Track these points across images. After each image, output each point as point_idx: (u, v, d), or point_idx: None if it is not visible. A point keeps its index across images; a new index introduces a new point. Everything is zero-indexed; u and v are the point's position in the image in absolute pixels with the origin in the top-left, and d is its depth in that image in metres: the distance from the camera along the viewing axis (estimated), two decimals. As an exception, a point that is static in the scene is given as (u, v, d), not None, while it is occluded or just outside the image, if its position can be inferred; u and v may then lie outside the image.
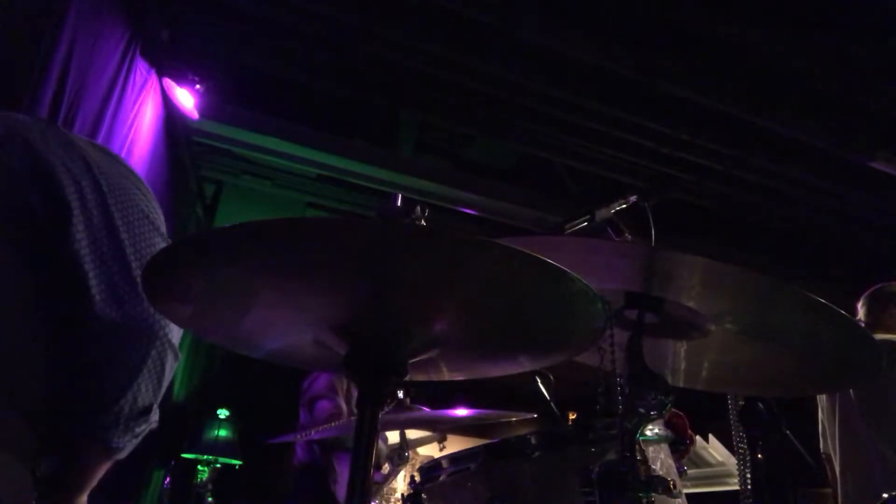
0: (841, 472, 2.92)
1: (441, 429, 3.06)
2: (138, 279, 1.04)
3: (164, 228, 1.14)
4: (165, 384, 1.09)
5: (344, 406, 3.04)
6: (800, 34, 3.31)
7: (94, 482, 1.10)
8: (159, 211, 1.17)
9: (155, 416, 1.10)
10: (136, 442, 1.09)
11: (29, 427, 1.01)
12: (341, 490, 2.94)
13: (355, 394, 1.04)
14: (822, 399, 3.08)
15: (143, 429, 1.08)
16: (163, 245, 1.10)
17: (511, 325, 0.94)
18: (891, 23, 3.16)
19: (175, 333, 1.08)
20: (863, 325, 2.98)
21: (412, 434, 3.01)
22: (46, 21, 2.37)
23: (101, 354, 1.03)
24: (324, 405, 3.03)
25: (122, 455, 1.09)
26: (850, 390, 2.84)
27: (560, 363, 1.04)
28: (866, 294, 3.14)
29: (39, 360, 1.02)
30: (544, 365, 1.11)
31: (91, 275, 1.01)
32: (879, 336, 2.93)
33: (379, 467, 2.54)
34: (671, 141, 4.18)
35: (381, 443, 2.72)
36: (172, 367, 1.10)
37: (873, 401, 2.80)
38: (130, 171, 1.17)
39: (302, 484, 3.07)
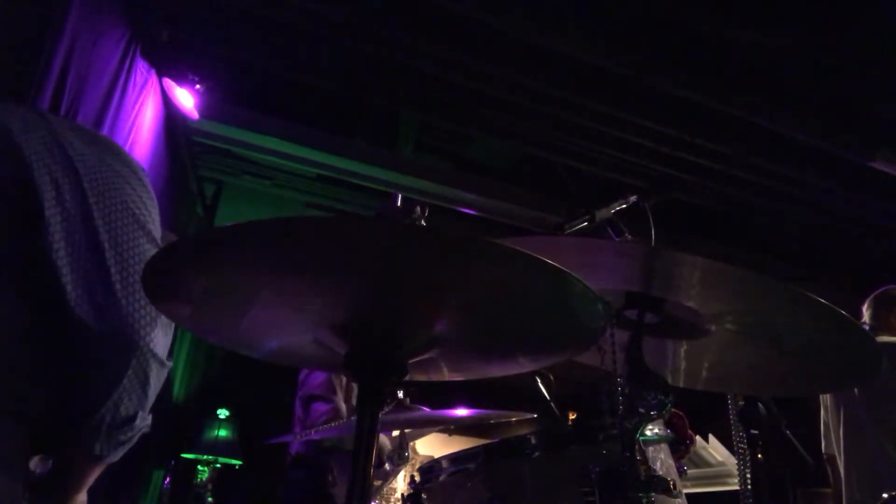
0: (846, 473, 2.92)
1: (441, 429, 3.04)
2: (117, 284, 1.01)
3: (153, 225, 1.11)
4: (153, 393, 1.07)
5: (342, 406, 2.93)
6: (799, 34, 3.30)
7: (87, 484, 1.10)
8: (151, 206, 1.13)
9: (145, 422, 1.08)
10: (126, 447, 1.08)
11: (18, 428, 1.00)
12: (339, 493, 2.89)
13: (356, 389, 1.03)
14: (825, 399, 3.08)
15: (130, 436, 1.07)
16: (148, 247, 1.08)
17: (511, 325, 0.94)
18: (891, 22, 3.16)
19: (160, 343, 1.05)
20: (867, 327, 2.99)
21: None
22: (47, 22, 2.37)
23: (79, 363, 1.02)
24: (319, 407, 2.90)
25: (114, 459, 1.08)
26: (856, 390, 2.84)
27: (560, 363, 1.04)
28: (872, 297, 3.15)
29: (25, 364, 1.00)
30: (544, 365, 1.11)
31: (66, 280, 0.98)
32: (884, 339, 2.93)
33: (381, 463, 2.51)
34: (671, 141, 4.18)
35: (384, 437, 2.67)
36: (160, 376, 1.07)
37: (879, 401, 2.80)
38: (124, 162, 1.13)
39: (295, 476, 3.02)
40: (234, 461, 5.12)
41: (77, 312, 0.99)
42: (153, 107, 3.55)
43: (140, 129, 3.36)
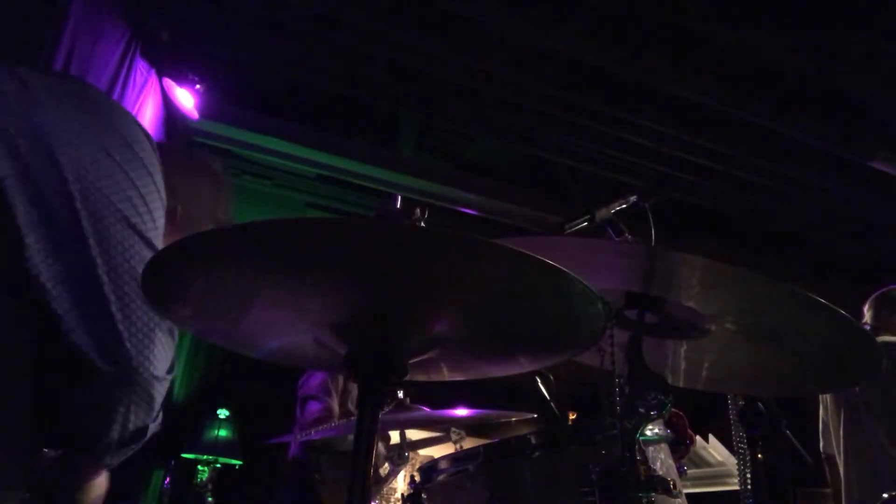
0: (845, 472, 2.92)
1: (443, 429, 3.04)
2: (113, 307, 0.94)
3: (151, 223, 1.03)
4: (159, 403, 1.05)
5: (335, 407, 3.01)
6: (800, 34, 3.30)
7: (94, 478, 1.09)
8: (153, 196, 1.04)
9: (153, 428, 1.07)
10: (134, 450, 1.07)
11: (14, 456, 0.98)
12: (326, 492, 2.93)
13: (354, 391, 1.03)
14: (825, 398, 3.08)
15: (139, 443, 1.06)
16: (146, 255, 0.98)
17: (511, 325, 0.93)
18: (891, 22, 3.16)
19: (161, 361, 1.01)
20: (868, 327, 2.99)
21: (420, 433, 3.00)
22: (47, 22, 2.37)
23: (80, 392, 0.97)
24: (313, 406, 2.99)
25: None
26: (857, 389, 2.84)
27: (560, 363, 1.04)
28: (872, 297, 3.15)
29: (24, 398, 0.96)
30: (544, 365, 1.12)
31: (56, 304, 0.90)
32: (885, 339, 2.93)
33: (377, 468, 2.53)
34: (671, 141, 4.18)
35: (379, 444, 2.70)
36: (164, 388, 1.05)
37: (880, 401, 2.80)
38: (122, 139, 1.01)
39: (293, 478, 3.07)
40: (234, 461, 5.12)
41: (74, 340, 0.92)
42: (153, 106, 3.55)
43: (140, 129, 3.35)
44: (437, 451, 3.14)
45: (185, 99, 3.68)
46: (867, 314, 3.14)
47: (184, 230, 1.28)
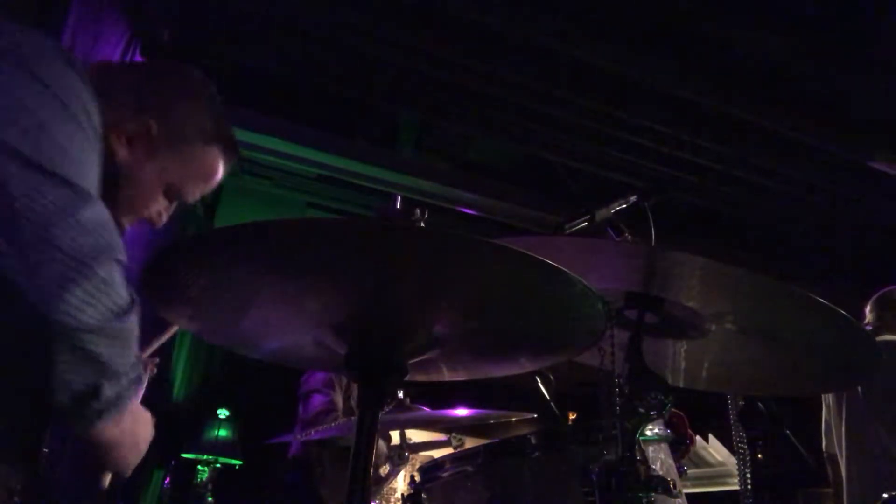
0: (847, 472, 2.92)
1: (443, 429, 3.04)
2: (9, 258, 0.82)
3: (67, 154, 0.88)
4: (115, 353, 0.88)
5: (339, 402, 3.02)
6: (800, 34, 3.31)
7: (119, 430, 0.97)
8: (66, 125, 0.90)
9: (127, 383, 0.92)
10: (123, 403, 0.92)
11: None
12: (326, 488, 2.94)
13: (356, 390, 1.02)
14: (827, 398, 3.08)
15: (103, 401, 0.90)
16: (61, 192, 0.85)
17: (511, 325, 0.94)
18: (891, 22, 3.16)
19: (80, 311, 0.83)
20: (870, 328, 2.99)
21: (420, 437, 2.99)
22: (47, 22, 2.37)
23: (21, 365, 0.89)
24: (316, 399, 3.00)
25: (127, 405, 0.93)
26: (858, 389, 2.84)
27: (560, 363, 1.05)
28: (874, 298, 3.15)
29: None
30: (545, 365, 1.12)
31: None
32: (887, 338, 2.93)
33: (377, 468, 2.53)
34: (671, 141, 4.18)
35: (381, 443, 2.70)
36: (114, 337, 0.87)
37: (881, 400, 2.80)
38: (30, 75, 0.91)
39: (293, 477, 3.08)
40: (234, 461, 5.12)
41: None
42: (153, 107, 3.55)
43: (140, 129, 3.35)
44: (437, 454, 3.13)
45: (185, 99, 3.67)
46: (869, 315, 3.14)
47: (170, 147, 1.21)
